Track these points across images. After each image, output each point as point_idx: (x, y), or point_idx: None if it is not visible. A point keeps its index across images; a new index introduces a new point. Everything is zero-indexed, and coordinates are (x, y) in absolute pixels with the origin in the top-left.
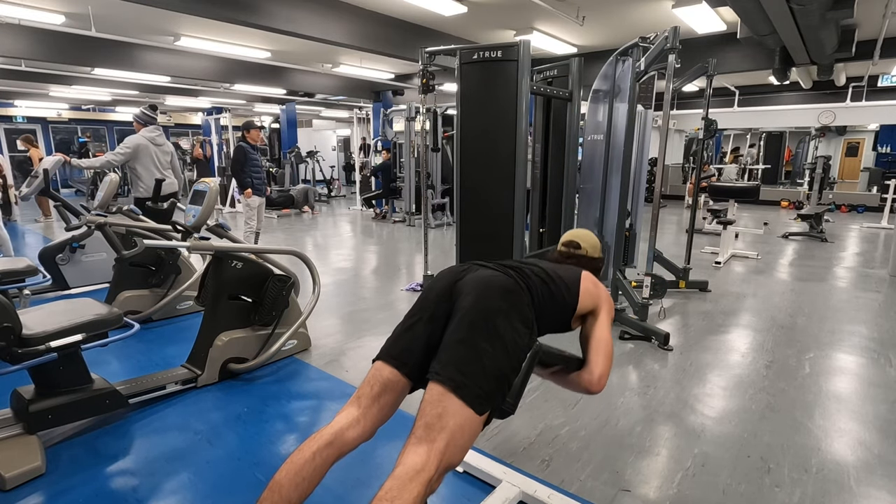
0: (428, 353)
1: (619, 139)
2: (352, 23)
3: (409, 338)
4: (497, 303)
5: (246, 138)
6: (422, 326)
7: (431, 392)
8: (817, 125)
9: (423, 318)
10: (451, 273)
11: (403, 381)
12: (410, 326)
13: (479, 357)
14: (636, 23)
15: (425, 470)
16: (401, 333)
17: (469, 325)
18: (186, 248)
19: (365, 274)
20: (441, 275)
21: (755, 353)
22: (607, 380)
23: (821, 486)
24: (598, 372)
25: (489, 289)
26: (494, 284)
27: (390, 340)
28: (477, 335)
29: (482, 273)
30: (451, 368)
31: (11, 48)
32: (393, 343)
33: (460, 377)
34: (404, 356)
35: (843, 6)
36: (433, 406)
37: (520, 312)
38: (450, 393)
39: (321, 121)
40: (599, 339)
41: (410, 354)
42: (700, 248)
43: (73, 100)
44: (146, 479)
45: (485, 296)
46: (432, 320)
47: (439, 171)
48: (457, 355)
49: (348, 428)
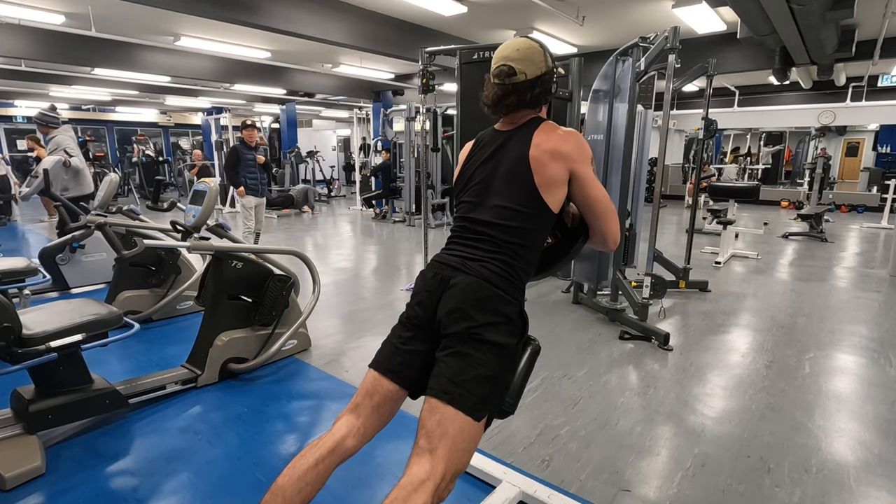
0: (425, 367)
1: (619, 139)
2: (352, 23)
3: (406, 352)
4: (475, 316)
5: (243, 138)
6: (417, 343)
7: (428, 405)
8: (817, 125)
9: (418, 336)
10: (426, 284)
11: (402, 392)
12: (407, 340)
13: (471, 365)
14: (636, 23)
15: (430, 479)
16: (398, 346)
17: (457, 341)
18: (186, 248)
19: (365, 274)
20: (419, 286)
21: (755, 353)
22: (620, 235)
23: (821, 486)
24: (612, 237)
25: (464, 302)
26: (468, 297)
27: (386, 352)
28: (465, 347)
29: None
30: (443, 381)
31: (11, 48)
32: (390, 357)
33: (454, 388)
34: (402, 371)
35: (843, 6)
36: (431, 415)
37: (501, 313)
38: (446, 405)
39: (321, 121)
40: (593, 201)
41: (408, 368)
42: (700, 248)
43: (73, 100)
44: (146, 479)
45: (463, 316)
46: (426, 333)
47: (439, 171)
48: (448, 368)
49: (349, 437)
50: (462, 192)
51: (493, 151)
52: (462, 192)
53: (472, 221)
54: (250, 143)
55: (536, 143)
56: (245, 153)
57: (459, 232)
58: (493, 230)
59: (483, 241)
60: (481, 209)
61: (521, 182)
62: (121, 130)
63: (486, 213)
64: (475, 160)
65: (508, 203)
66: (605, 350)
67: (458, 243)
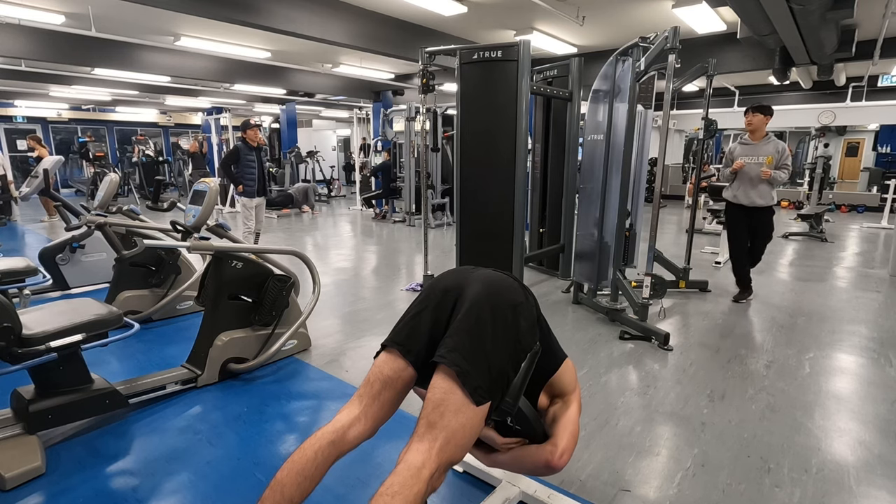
0: (432, 341)
1: (619, 139)
2: (352, 23)
3: (415, 324)
4: (506, 297)
5: (245, 138)
6: (428, 314)
7: (436, 378)
8: (817, 125)
9: (430, 306)
10: (459, 271)
11: (406, 373)
12: (417, 314)
13: (483, 350)
14: (636, 23)
15: (426, 467)
16: (407, 320)
17: (477, 318)
18: (186, 247)
19: (365, 274)
20: (448, 272)
21: (755, 353)
22: (569, 459)
23: (821, 486)
24: (563, 446)
25: (499, 286)
26: (505, 284)
27: (396, 327)
28: (483, 329)
29: (493, 273)
30: (456, 355)
31: (11, 48)
32: (399, 330)
33: (466, 364)
34: (409, 342)
35: (843, 6)
36: (436, 392)
37: (526, 311)
38: (453, 383)
39: (321, 121)
40: (569, 419)
41: (415, 340)
42: (700, 248)
43: (73, 100)
44: (146, 479)
45: (495, 291)
46: (438, 309)
47: (439, 171)
48: (462, 345)
49: (349, 427)
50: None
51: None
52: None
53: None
54: (253, 144)
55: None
56: (246, 154)
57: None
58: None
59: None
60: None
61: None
62: (121, 130)
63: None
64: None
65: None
66: (605, 350)
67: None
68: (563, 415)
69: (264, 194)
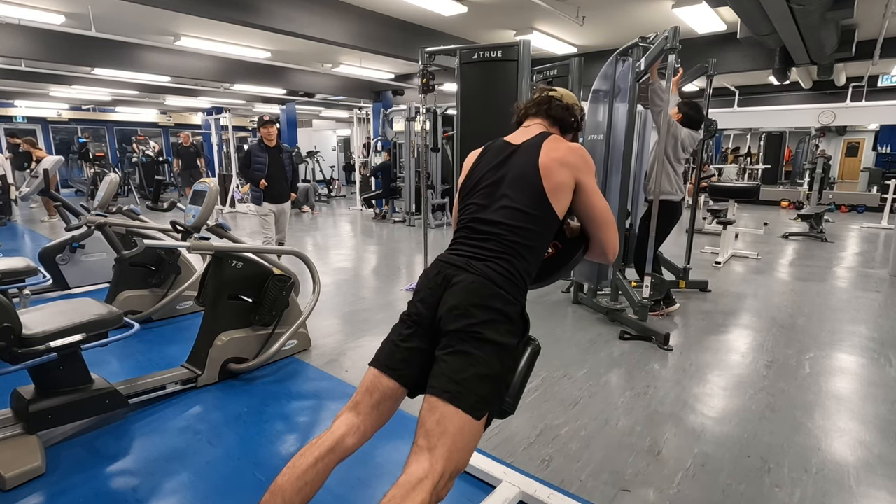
0: (424, 366)
1: (619, 139)
2: (352, 23)
3: (406, 350)
4: (476, 314)
5: (261, 138)
6: (417, 341)
7: (428, 403)
8: (817, 125)
9: (418, 332)
10: (428, 282)
11: (402, 390)
12: (407, 337)
13: (471, 364)
14: (636, 23)
15: (428, 478)
16: (398, 343)
17: (458, 339)
18: (186, 248)
19: (365, 274)
20: (421, 284)
21: (755, 353)
22: (618, 247)
23: (821, 486)
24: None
25: (466, 300)
26: (470, 295)
27: (387, 350)
28: (466, 345)
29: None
30: (443, 379)
31: (11, 48)
32: (390, 354)
33: (454, 386)
34: (402, 368)
35: (843, 6)
36: (431, 413)
37: (502, 312)
38: (448, 404)
39: (321, 121)
40: (596, 211)
41: (408, 366)
42: (700, 248)
43: (73, 100)
44: (146, 479)
45: (464, 313)
46: (426, 331)
47: (439, 171)
48: (449, 366)
49: (348, 435)
50: (468, 196)
51: (503, 158)
52: (468, 196)
53: (479, 222)
54: (268, 144)
55: (546, 151)
56: (257, 155)
57: (464, 233)
58: (500, 229)
59: (489, 241)
60: (489, 210)
61: (531, 186)
62: (121, 130)
63: (494, 213)
64: (483, 165)
65: (517, 205)
66: (605, 350)
67: (462, 244)
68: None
69: (282, 200)
